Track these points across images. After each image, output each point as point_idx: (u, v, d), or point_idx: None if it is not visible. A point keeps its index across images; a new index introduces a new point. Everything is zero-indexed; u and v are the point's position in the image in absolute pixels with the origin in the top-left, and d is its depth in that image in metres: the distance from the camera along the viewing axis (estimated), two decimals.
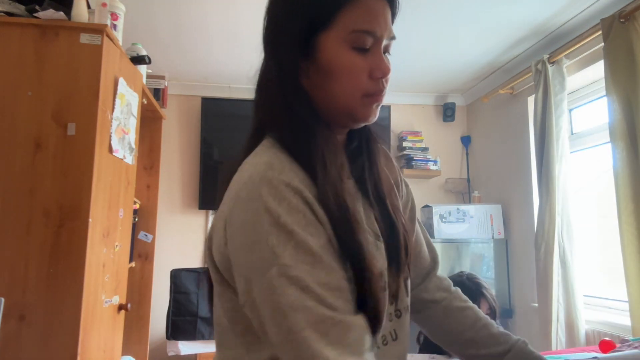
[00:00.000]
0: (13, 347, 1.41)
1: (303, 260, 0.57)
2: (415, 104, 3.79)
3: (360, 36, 0.65)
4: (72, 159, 1.52)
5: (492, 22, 2.50)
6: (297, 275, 0.56)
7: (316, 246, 0.58)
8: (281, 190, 0.59)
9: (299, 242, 0.57)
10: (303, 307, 0.55)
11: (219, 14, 2.42)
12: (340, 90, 0.67)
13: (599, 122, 2.50)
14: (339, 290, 0.58)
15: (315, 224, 0.60)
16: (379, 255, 0.69)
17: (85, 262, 1.48)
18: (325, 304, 0.56)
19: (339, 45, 0.66)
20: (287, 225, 0.58)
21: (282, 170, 0.61)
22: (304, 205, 0.60)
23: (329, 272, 0.58)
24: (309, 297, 0.56)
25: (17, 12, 1.58)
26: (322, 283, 0.57)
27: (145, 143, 2.70)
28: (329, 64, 0.66)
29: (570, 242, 2.41)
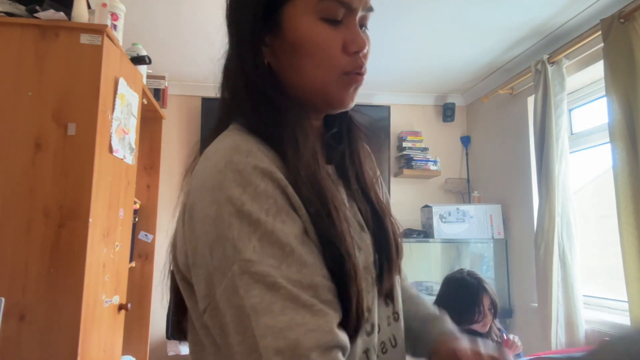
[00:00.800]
0: (13, 347, 1.41)
1: (270, 253, 0.49)
2: (415, 104, 3.79)
3: (331, 5, 0.58)
4: (72, 159, 1.52)
5: (492, 22, 2.50)
6: (262, 271, 0.48)
7: (287, 237, 0.50)
8: (247, 174, 0.51)
9: (265, 234, 0.49)
10: (269, 311, 0.47)
11: (219, 14, 2.42)
12: (311, 68, 0.59)
13: (599, 122, 2.50)
14: (313, 289, 0.49)
15: (287, 211, 0.52)
16: (365, 247, 0.62)
17: (86, 262, 1.48)
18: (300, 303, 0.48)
19: (307, 16, 0.58)
20: (252, 214, 0.50)
21: (250, 152, 0.53)
22: (274, 189, 0.52)
23: (301, 267, 0.50)
24: (278, 298, 0.47)
25: (17, 12, 1.58)
26: (293, 280, 0.49)
27: (146, 143, 2.70)
28: (296, 38, 0.58)
29: (570, 242, 2.41)
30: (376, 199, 0.68)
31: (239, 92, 0.62)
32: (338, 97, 0.61)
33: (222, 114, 0.65)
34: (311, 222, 0.53)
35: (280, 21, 0.59)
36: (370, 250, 0.63)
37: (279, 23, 0.59)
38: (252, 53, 0.60)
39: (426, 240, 3.23)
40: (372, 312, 0.61)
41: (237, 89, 0.62)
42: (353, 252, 0.55)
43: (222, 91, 0.66)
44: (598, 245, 2.62)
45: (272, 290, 0.48)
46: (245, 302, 0.48)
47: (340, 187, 0.64)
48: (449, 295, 1.99)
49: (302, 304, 0.48)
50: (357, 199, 0.66)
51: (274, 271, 0.48)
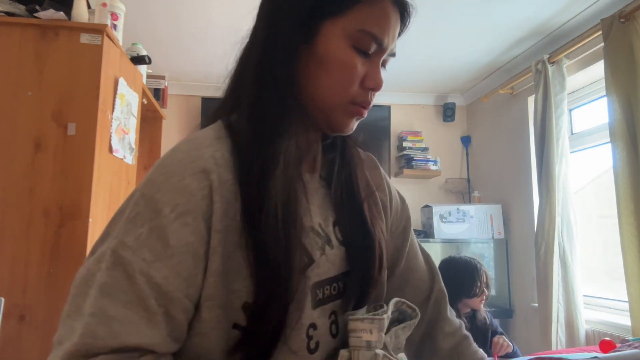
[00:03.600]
0: (13, 347, 1.41)
1: (151, 247, 0.48)
2: (415, 104, 3.78)
3: (367, 38, 0.59)
4: (72, 159, 1.52)
5: (492, 22, 2.50)
6: (130, 259, 0.48)
7: (177, 240, 0.49)
8: (179, 165, 0.52)
9: (157, 227, 0.49)
10: (113, 297, 0.46)
11: (219, 14, 2.42)
12: (328, 85, 0.60)
13: (599, 122, 2.50)
14: (167, 300, 0.48)
15: (196, 216, 0.50)
16: (324, 261, 0.59)
17: None
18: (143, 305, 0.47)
19: (343, 38, 0.59)
20: (158, 203, 0.49)
21: (199, 145, 0.54)
22: (199, 189, 0.51)
23: (171, 275, 0.48)
24: (128, 289, 0.47)
25: (17, 12, 1.58)
26: (153, 282, 0.48)
27: (145, 143, 2.69)
28: (326, 53, 0.59)
29: (570, 242, 2.41)
30: (368, 210, 0.66)
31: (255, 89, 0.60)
32: (340, 122, 0.62)
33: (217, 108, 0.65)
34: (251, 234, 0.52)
35: (316, 32, 0.60)
36: (335, 264, 0.61)
37: (315, 34, 0.60)
38: (286, 55, 0.60)
39: (426, 240, 3.23)
40: (318, 330, 0.58)
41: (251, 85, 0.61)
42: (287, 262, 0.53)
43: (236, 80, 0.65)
44: (598, 245, 2.62)
45: (128, 280, 0.47)
46: (99, 275, 0.48)
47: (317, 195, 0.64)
48: (450, 270, 2.10)
49: (145, 307, 0.47)
50: (341, 209, 0.65)
51: (140, 264, 0.48)
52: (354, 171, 0.69)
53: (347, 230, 0.64)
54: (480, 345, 2.08)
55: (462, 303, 2.07)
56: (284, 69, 0.60)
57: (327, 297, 0.60)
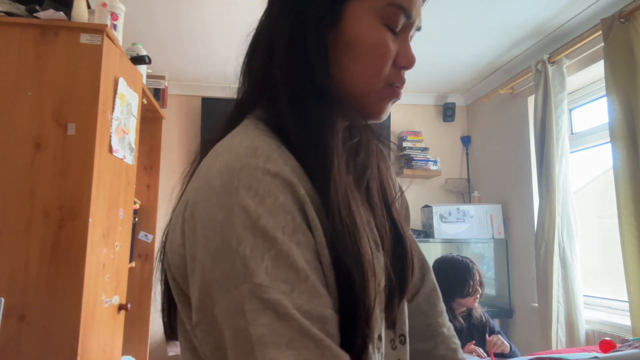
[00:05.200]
0: (13, 347, 1.41)
1: (283, 278, 0.44)
2: (415, 104, 3.79)
3: (396, 13, 0.55)
4: (72, 159, 1.52)
5: (492, 22, 2.50)
6: (275, 299, 0.43)
7: (302, 261, 0.45)
8: (266, 184, 0.46)
9: (280, 254, 0.44)
10: (277, 344, 0.43)
11: (218, 14, 2.42)
12: (362, 71, 0.55)
13: (599, 122, 2.50)
14: (322, 322, 0.45)
15: (304, 230, 0.47)
16: (378, 270, 0.55)
17: (85, 262, 1.48)
18: (310, 337, 0.43)
19: (371, 17, 0.55)
20: (269, 230, 0.45)
21: (270, 157, 0.48)
22: (293, 204, 0.46)
23: (313, 296, 0.45)
24: (287, 329, 0.43)
25: (17, 12, 1.58)
26: (304, 311, 0.44)
27: (145, 143, 2.70)
28: (355, 36, 0.55)
29: (570, 242, 2.41)
30: (397, 214, 0.63)
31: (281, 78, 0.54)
32: (376, 108, 0.58)
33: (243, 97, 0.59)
34: (330, 244, 0.48)
35: (343, 15, 0.55)
36: (382, 272, 0.57)
37: (341, 17, 0.55)
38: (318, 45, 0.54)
39: (426, 240, 3.23)
40: (381, 340, 0.56)
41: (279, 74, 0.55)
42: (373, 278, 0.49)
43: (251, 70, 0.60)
44: (598, 245, 2.62)
45: (282, 320, 0.43)
46: (251, 329, 0.43)
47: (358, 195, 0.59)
48: (443, 270, 2.11)
49: (310, 338, 0.43)
50: (376, 213, 0.61)
51: (286, 300, 0.43)
52: (380, 169, 0.65)
53: (383, 235, 0.60)
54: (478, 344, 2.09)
55: (456, 303, 2.07)
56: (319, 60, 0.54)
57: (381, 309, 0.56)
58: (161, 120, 2.79)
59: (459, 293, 2.05)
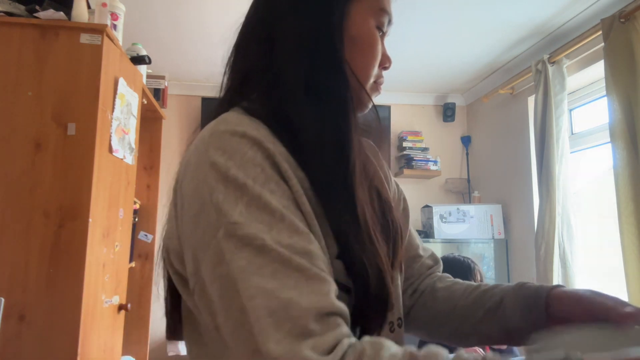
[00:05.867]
0: (13, 347, 1.41)
1: (258, 219, 0.44)
2: (415, 104, 3.78)
3: (384, 16, 0.62)
4: (72, 159, 1.52)
5: (492, 22, 2.50)
6: (250, 233, 0.43)
7: (277, 204, 0.45)
8: (235, 142, 0.48)
9: (253, 198, 0.45)
10: (259, 274, 0.42)
11: (218, 14, 2.42)
12: (362, 65, 0.60)
13: (599, 122, 2.50)
14: (308, 255, 0.44)
15: (277, 180, 0.47)
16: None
17: (85, 262, 1.48)
18: (293, 266, 0.42)
19: (370, 18, 0.61)
20: (239, 178, 0.46)
21: (239, 123, 0.50)
22: (263, 158, 0.48)
23: (293, 233, 0.44)
24: (268, 261, 0.42)
25: (17, 12, 1.58)
26: (285, 244, 0.43)
27: (145, 143, 2.70)
28: (359, 33, 0.60)
29: (571, 242, 2.41)
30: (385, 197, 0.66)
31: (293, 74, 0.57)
32: (366, 100, 0.64)
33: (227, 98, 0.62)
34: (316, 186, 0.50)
35: (347, 14, 0.60)
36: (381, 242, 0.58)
37: (346, 16, 0.59)
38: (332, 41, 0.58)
39: (427, 240, 3.23)
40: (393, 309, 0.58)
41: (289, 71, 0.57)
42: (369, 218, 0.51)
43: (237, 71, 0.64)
44: (598, 245, 2.62)
45: (262, 253, 0.42)
46: (232, 266, 0.43)
47: None
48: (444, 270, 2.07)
49: (294, 268, 0.42)
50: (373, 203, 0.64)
51: (263, 234, 0.43)
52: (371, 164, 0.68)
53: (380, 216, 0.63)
54: None
55: None
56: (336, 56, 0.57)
57: None
58: (161, 120, 2.80)
59: None
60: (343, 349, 0.41)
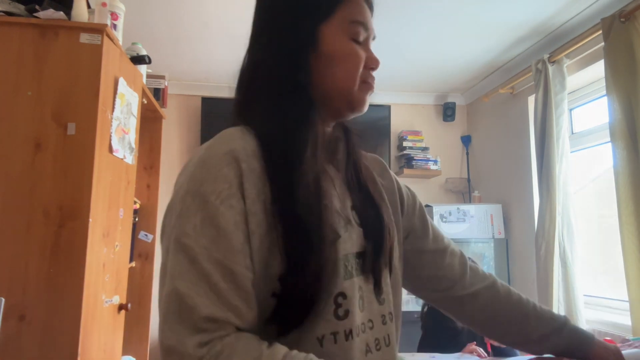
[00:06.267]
0: (13, 347, 1.41)
1: (207, 234, 0.56)
2: (415, 104, 3.78)
3: (357, 27, 0.71)
4: (72, 159, 1.52)
5: (492, 22, 2.50)
6: (189, 244, 0.56)
7: (226, 222, 0.57)
8: (217, 157, 0.60)
9: (208, 215, 0.57)
10: (181, 278, 0.55)
11: (218, 13, 2.42)
12: (342, 75, 0.70)
13: (599, 121, 2.50)
14: (230, 273, 0.56)
15: (238, 198, 0.58)
16: (348, 238, 0.67)
17: (86, 262, 1.48)
18: (209, 281, 0.55)
19: (340, 35, 0.70)
20: (204, 194, 0.58)
21: (230, 139, 0.62)
22: (233, 176, 0.59)
23: (228, 252, 0.56)
24: (193, 270, 0.55)
25: (17, 12, 1.58)
26: (215, 260, 0.56)
27: (145, 143, 2.69)
28: (332, 51, 0.70)
29: (571, 241, 2.41)
30: (374, 191, 0.75)
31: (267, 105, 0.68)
32: (359, 99, 0.72)
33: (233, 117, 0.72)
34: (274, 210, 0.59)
35: (318, 37, 0.70)
36: (355, 242, 0.68)
37: (317, 39, 0.70)
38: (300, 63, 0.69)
39: None
40: (349, 299, 0.64)
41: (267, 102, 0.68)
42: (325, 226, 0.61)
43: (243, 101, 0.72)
44: (599, 244, 2.62)
45: (192, 263, 0.55)
46: (169, 263, 0.57)
47: (337, 182, 0.72)
48: None
49: (210, 283, 0.55)
50: (353, 193, 0.73)
51: (199, 248, 0.56)
52: (358, 160, 0.77)
53: (363, 213, 0.72)
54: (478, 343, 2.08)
55: None
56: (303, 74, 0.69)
57: (354, 270, 0.67)
58: (161, 120, 2.79)
59: None
60: (214, 345, 0.53)
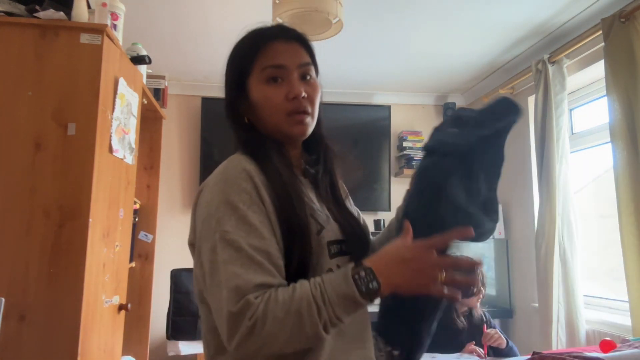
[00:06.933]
0: (13, 347, 1.41)
1: (242, 229, 0.75)
2: (415, 104, 3.78)
3: (271, 70, 0.86)
4: (72, 159, 1.52)
5: (492, 22, 2.50)
6: (233, 239, 0.74)
7: (254, 220, 0.76)
8: (236, 176, 0.79)
9: (241, 216, 0.76)
10: (233, 264, 0.73)
11: (218, 13, 2.42)
12: (267, 115, 0.87)
13: (599, 121, 2.50)
14: (267, 254, 0.75)
15: (258, 203, 0.78)
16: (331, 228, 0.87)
17: (86, 262, 1.48)
18: (254, 261, 0.73)
19: (259, 82, 0.87)
20: (234, 202, 0.77)
21: (240, 161, 0.83)
22: (252, 188, 0.78)
23: (261, 239, 0.75)
24: (241, 256, 0.73)
25: (17, 12, 1.58)
26: (254, 247, 0.74)
27: (145, 143, 2.70)
28: (255, 98, 0.88)
29: (571, 242, 2.40)
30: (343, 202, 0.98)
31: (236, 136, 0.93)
32: (288, 131, 0.88)
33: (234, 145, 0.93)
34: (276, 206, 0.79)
35: (246, 90, 0.89)
36: (336, 232, 0.88)
37: (246, 91, 0.89)
38: (234, 113, 0.92)
39: None
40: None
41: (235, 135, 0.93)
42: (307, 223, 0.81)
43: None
44: (599, 245, 2.62)
45: (238, 252, 0.74)
46: (219, 258, 0.74)
47: (311, 192, 0.92)
48: None
49: (255, 262, 0.74)
50: (328, 202, 0.93)
51: (241, 240, 0.74)
52: (335, 177, 0.97)
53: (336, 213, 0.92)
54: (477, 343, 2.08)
55: (459, 303, 2.07)
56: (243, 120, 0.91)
57: (337, 252, 0.86)
58: (161, 120, 2.79)
59: (462, 293, 2.04)
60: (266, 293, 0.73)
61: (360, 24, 2.49)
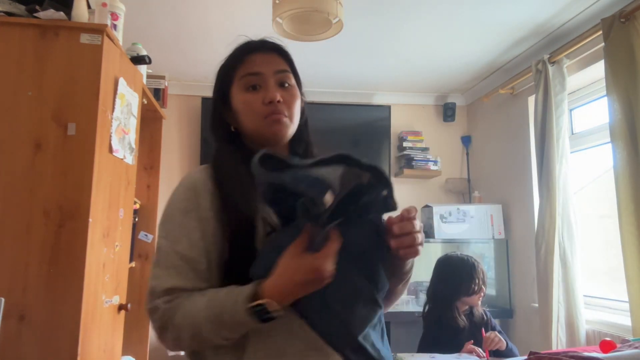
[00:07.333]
0: (13, 347, 1.41)
1: (174, 234, 0.86)
2: (415, 104, 3.78)
3: (248, 78, 0.94)
4: (72, 159, 1.52)
5: (492, 22, 2.50)
6: (164, 243, 0.86)
7: (187, 226, 0.85)
8: (182, 184, 0.91)
9: (176, 223, 0.86)
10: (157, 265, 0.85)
11: (219, 14, 2.42)
12: (248, 121, 0.94)
13: (600, 122, 2.50)
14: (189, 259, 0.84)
15: (195, 210, 0.86)
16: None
17: (85, 262, 1.48)
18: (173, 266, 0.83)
19: (238, 91, 0.95)
20: (172, 210, 0.88)
21: (195, 171, 0.93)
22: (193, 196, 0.87)
23: (189, 245, 0.84)
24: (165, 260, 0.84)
25: (17, 12, 1.58)
26: (178, 252, 0.84)
27: (145, 143, 2.69)
28: (236, 106, 0.95)
29: (571, 242, 2.40)
30: None
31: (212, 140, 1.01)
32: (267, 132, 0.93)
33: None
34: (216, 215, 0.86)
35: (229, 97, 0.97)
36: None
37: (229, 98, 0.97)
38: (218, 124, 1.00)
39: (427, 240, 3.23)
40: None
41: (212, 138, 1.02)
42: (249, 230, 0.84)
43: None
44: (599, 245, 2.62)
45: (164, 255, 0.85)
46: (154, 259, 0.87)
47: None
48: (447, 270, 2.11)
49: (174, 267, 0.83)
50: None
51: (169, 245, 0.85)
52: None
53: None
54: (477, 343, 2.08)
55: (460, 301, 2.07)
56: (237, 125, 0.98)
57: None
58: (161, 120, 2.79)
59: (464, 292, 2.04)
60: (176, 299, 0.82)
61: (360, 24, 2.49)
